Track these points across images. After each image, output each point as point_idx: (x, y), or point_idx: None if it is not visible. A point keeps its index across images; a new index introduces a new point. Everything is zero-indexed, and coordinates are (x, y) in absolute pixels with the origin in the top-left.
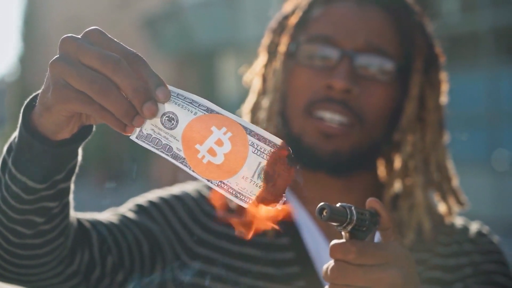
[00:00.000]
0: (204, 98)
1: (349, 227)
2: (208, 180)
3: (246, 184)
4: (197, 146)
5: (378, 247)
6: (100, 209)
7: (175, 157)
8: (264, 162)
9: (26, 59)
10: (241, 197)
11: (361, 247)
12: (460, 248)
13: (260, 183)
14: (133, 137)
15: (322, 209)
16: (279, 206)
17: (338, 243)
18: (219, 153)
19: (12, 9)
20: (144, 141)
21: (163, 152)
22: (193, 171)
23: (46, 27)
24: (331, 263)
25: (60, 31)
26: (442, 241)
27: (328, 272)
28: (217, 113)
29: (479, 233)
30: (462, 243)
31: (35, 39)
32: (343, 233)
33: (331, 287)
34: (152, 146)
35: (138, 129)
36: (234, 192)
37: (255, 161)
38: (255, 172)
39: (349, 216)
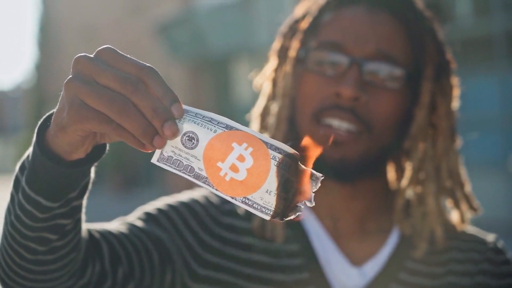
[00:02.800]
0: (219, 103)
1: None
2: (233, 198)
3: (271, 198)
4: (219, 164)
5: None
6: (117, 214)
7: (197, 177)
8: (286, 175)
9: (42, 67)
10: (266, 211)
11: None
12: (476, 268)
13: (283, 195)
14: (154, 161)
15: None
16: (298, 214)
17: None
18: (241, 168)
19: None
20: (165, 164)
21: (185, 173)
22: (216, 189)
23: (62, 35)
24: None
25: (76, 38)
26: (457, 257)
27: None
28: (237, 129)
29: (496, 251)
30: (479, 262)
31: (51, 47)
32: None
33: None
34: (174, 168)
35: (159, 152)
36: (259, 207)
37: (278, 174)
38: (278, 185)
39: None
